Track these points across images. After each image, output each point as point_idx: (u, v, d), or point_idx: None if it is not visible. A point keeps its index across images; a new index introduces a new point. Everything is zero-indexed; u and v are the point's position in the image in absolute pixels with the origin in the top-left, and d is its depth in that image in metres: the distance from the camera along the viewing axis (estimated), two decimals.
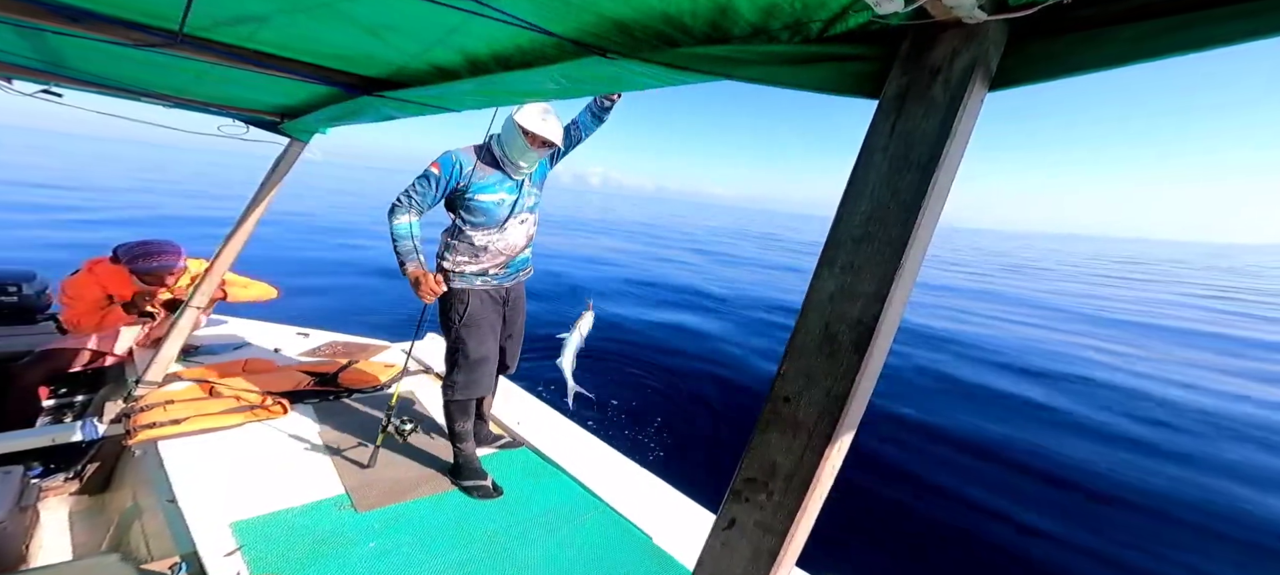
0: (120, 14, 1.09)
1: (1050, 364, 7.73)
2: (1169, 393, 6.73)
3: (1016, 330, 10.21)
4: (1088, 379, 7.13)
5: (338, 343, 3.55)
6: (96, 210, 15.89)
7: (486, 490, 2.13)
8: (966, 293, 15.60)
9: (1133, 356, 8.65)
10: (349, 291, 9.14)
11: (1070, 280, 22.79)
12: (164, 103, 2.00)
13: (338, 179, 65.35)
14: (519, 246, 2.18)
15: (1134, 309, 14.80)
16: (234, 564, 1.63)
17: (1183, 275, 30.67)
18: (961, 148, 0.58)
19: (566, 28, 0.84)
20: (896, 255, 0.56)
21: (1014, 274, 23.87)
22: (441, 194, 2.04)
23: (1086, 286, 20.55)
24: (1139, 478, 4.41)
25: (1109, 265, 36.46)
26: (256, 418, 2.46)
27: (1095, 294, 18.08)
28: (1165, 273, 32.04)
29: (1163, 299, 17.96)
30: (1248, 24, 0.43)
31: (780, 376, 0.62)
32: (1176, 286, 23.03)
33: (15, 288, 3.15)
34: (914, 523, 3.68)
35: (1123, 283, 23.40)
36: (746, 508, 0.63)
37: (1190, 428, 5.58)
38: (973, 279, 19.96)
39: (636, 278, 12.91)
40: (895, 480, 4.10)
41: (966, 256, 34.24)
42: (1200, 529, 3.79)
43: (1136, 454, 4.90)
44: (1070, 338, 9.89)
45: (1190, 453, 4.98)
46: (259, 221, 2.59)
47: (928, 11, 0.54)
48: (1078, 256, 46.99)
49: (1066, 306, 14.30)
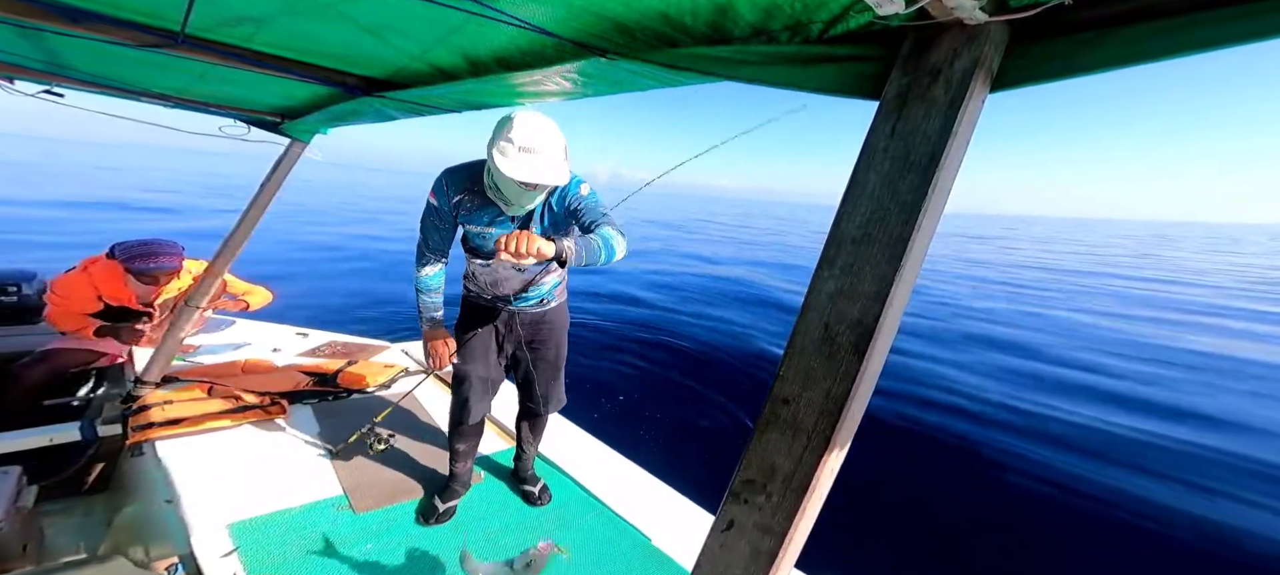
0: (121, 14, 1.09)
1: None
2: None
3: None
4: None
5: (337, 343, 3.55)
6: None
7: (436, 515, 1.96)
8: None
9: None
10: (349, 290, 9.16)
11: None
12: (165, 103, 2.00)
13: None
14: (512, 287, 1.89)
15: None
16: (231, 565, 1.63)
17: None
18: (962, 149, 0.58)
19: (567, 28, 0.84)
20: (897, 256, 0.56)
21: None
22: (451, 223, 1.80)
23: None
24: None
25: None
26: (255, 418, 2.45)
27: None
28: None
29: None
30: (1250, 25, 0.43)
31: (779, 377, 0.62)
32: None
33: (15, 288, 3.15)
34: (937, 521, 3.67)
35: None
36: (745, 509, 0.63)
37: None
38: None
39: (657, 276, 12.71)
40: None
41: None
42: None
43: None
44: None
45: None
46: (258, 222, 2.59)
47: (929, 12, 0.54)
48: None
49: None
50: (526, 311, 1.95)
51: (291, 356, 3.24)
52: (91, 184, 25.91)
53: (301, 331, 3.72)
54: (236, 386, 2.66)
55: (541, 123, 1.56)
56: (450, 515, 2.00)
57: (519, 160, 1.52)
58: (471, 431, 2.04)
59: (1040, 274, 17.95)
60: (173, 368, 2.74)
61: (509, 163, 1.51)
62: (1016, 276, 16.90)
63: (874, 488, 3.95)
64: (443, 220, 1.79)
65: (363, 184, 57.76)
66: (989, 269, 18.65)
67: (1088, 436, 5.05)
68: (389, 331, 5.88)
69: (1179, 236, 67.47)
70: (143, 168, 44.30)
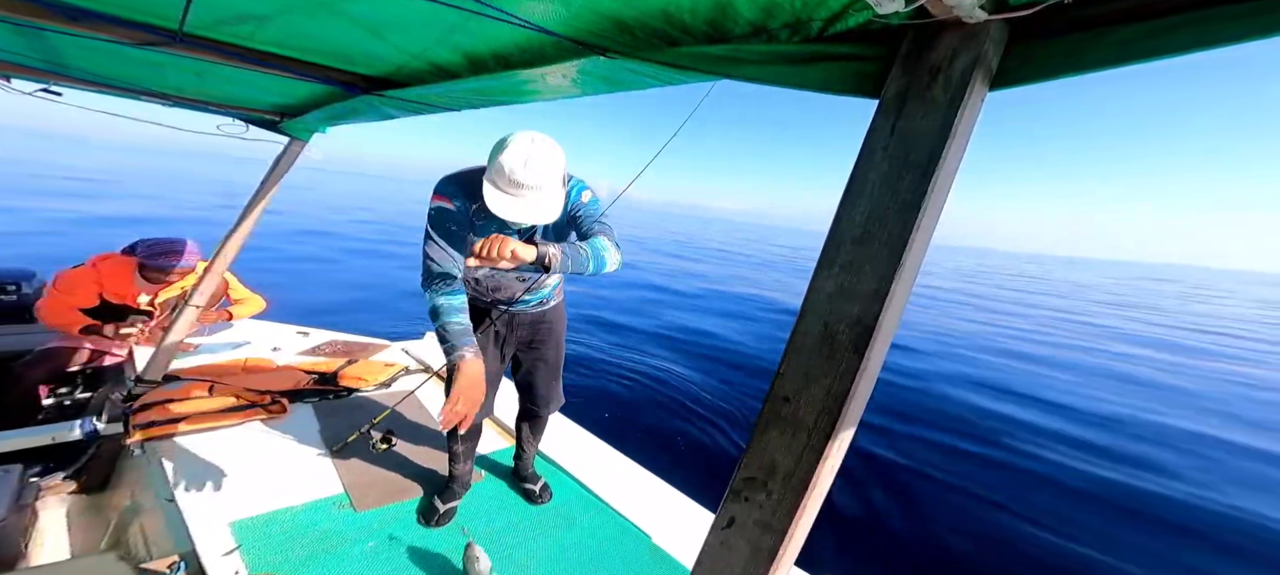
0: (120, 13, 1.09)
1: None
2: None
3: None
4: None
5: (338, 342, 3.55)
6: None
7: (436, 516, 1.93)
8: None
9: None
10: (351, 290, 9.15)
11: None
12: (164, 102, 2.00)
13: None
14: (515, 291, 1.86)
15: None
16: (232, 563, 1.63)
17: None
18: (962, 148, 0.58)
19: (566, 27, 0.84)
20: (896, 255, 0.56)
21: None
22: (469, 226, 1.62)
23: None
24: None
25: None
26: (256, 417, 2.46)
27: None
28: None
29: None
30: (1248, 23, 0.43)
31: (780, 376, 0.62)
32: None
33: (15, 287, 3.15)
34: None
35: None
36: (746, 507, 0.63)
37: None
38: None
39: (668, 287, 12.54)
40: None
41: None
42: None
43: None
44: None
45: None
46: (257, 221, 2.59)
47: (928, 11, 0.54)
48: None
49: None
50: (527, 312, 1.93)
51: (292, 355, 3.24)
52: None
53: (302, 330, 3.72)
54: (237, 385, 2.66)
55: (536, 153, 1.41)
56: (451, 516, 1.99)
57: (505, 200, 1.39)
58: (471, 434, 2.03)
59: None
60: (174, 366, 2.75)
61: (497, 200, 1.39)
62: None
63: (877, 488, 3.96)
64: (460, 223, 1.59)
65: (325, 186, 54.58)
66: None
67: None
68: (390, 331, 5.88)
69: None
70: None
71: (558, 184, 1.47)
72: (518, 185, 1.38)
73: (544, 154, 1.41)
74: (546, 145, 1.43)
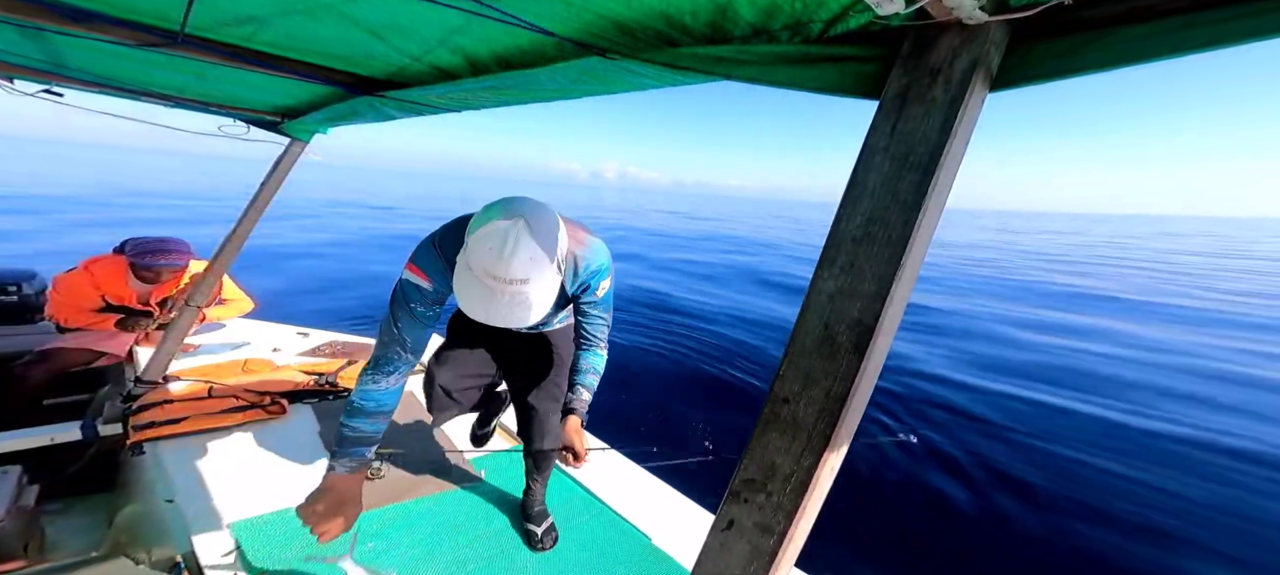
0: (121, 14, 1.09)
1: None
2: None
3: None
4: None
5: (337, 342, 3.55)
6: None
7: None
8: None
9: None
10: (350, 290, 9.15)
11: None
12: (164, 103, 2.00)
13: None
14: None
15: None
16: (232, 564, 1.63)
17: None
18: (962, 148, 0.58)
19: (567, 28, 0.84)
20: (897, 256, 0.56)
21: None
22: (439, 308, 1.36)
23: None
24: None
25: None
26: (256, 418, 2.46)
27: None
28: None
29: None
30: (1251, 24, 0.43)
31: (779, 377, 0.62)
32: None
33: (15, 287, 3.15)
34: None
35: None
36: (745, 508, 0.63)
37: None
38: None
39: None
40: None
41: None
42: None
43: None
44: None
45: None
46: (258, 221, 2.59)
47: (928, 12, 0.54)
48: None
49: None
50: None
51: (291, 356, 3.24)
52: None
53: (302, 331, 3.72)
54: (237, 386, 2.66)
55: (523, 241, 1.11)
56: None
57: (480, 294, 1.13)
58: (443, 419, 1.94)
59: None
60: (173, 367, 2.75)
61: (470, 293, 1.13)
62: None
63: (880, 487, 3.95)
64: (431, 305, 1.29)
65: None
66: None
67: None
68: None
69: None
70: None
71: (550, 272, 1.17)
72: (497, 280, 1.11)
73: (534, 237, 1.13)
74: (540, 221, 1.15)
